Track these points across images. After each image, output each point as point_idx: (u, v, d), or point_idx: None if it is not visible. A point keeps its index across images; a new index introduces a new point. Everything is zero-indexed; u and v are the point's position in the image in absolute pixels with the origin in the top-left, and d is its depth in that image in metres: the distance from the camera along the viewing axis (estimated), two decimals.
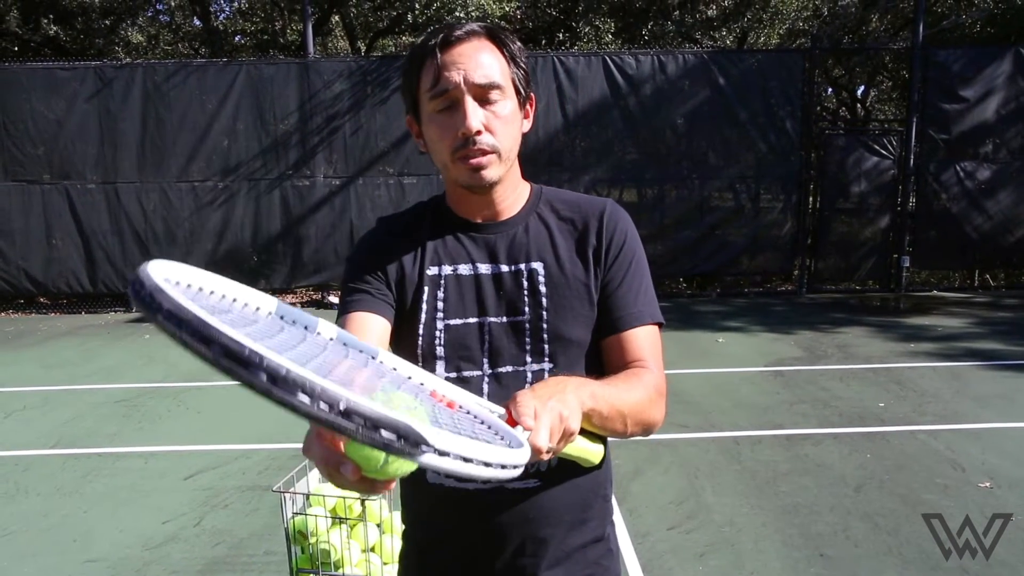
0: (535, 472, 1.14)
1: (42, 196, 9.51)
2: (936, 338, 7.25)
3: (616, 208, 1.23)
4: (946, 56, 9.70)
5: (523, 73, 1.16)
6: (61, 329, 8.77)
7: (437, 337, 1.16)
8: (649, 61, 9.61)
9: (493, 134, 1.10)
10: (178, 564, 3.16)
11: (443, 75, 1.09)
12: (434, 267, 1.19)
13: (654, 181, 9.89)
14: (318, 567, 1.83)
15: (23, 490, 3.98)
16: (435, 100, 1.10)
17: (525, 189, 1.25)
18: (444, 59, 1.09)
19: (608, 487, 1.27)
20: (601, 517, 1.24)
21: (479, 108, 1.09)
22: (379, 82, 9.51)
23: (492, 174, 1.12)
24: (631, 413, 1.07)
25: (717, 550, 3.17)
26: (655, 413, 1.12)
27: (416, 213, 1.29)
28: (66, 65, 9.58)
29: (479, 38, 1.11)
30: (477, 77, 1.08)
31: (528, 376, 1.14)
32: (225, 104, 9.48)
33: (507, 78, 1.12)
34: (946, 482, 3.80)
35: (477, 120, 1.08)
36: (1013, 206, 9.86)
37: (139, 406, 5.48)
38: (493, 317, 1.16)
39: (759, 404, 5.20)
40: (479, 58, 1.09)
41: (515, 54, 1.14)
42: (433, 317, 1.16)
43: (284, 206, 9.68)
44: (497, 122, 1.11)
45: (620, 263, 1.19)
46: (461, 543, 1.19)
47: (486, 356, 1.15)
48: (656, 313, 1.21)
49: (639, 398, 1.09)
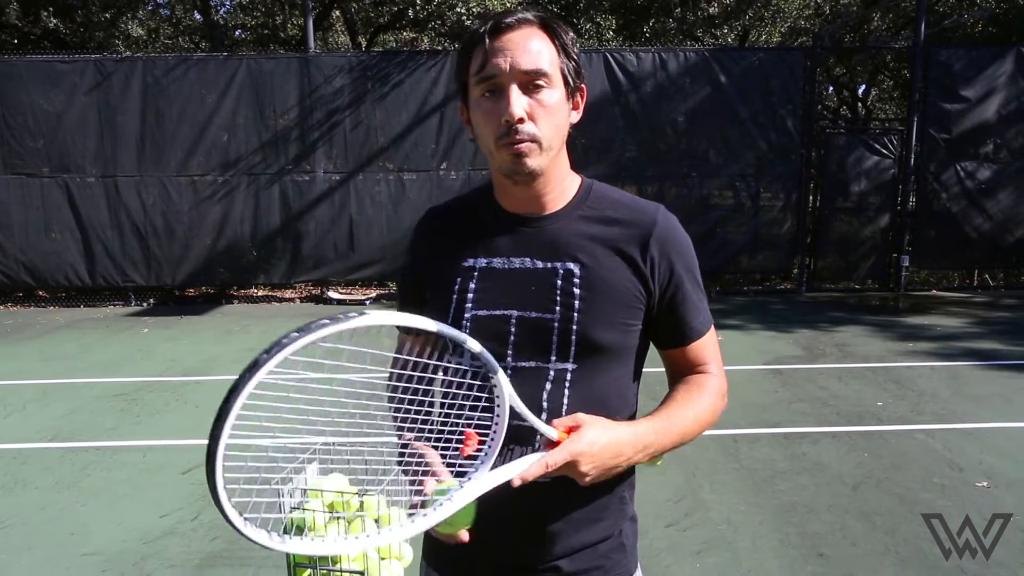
0: None
1: (41, 189, 9.50)
2: (935, 338, 7.25)
3: (667, 217, 1.21)
4: (947, 55, 9.69)
5: (574, 64, 1.14)
6: (59, 322, 8.76)
7: (464, 327, 1.18)
8: (650, 58, 9.60)
9: (536, 123, 1.09)
10: (176, 558, 3.16)
11: (490, 61, 1.09)
12: (471, 258, 1.21)
13: (654, 179, 9.88)
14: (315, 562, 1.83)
15: (21, 483, 3.97)
16: (481, 85, 1.11)
17: (573, 184, 1.22)
18: (493, 45, 1.09)
19: (627, 489, 1.27)
20: (616, 516, 1.24)
21: (523, 96, 1.08)
22: (379, 77, 9.49)
23: (533, 163, 1.11)
24: (691, 431, 1.18)
25: (714, 548, 3.17)
26: (715, 416, 1.22)
27: (466, 202, 1.30)
28: (66, 58, 9.55)
29: (530, 26, 1.11)
30: (523, 64, 1.08)
31: (550, 374, 1.14)
32: (225, 98, 9.46)
33: (555, 67, 1.11)
34: (944, 481, 3.80)
35: (520, 107, 1.07)
36: (1013, 206, 9.86)
37: (137, 400, 5.48)
38: (521, 312, 1.15)
39: (757, 402, 5.21)
40: (527, 45, 1.09)
41: (566, 44, 1.13)
42: (462, 307, 1.19)
43: (284, 201, 9.67)
44: (541, 111, 1.09)
45: (678, 278, 1.20)
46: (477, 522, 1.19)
47: (510, 349, 1.16)
48: (710, 317, 1.26)
49: (699, 413, 1.19)
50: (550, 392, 1.15)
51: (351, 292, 10.50)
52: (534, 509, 1.18)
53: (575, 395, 1.16)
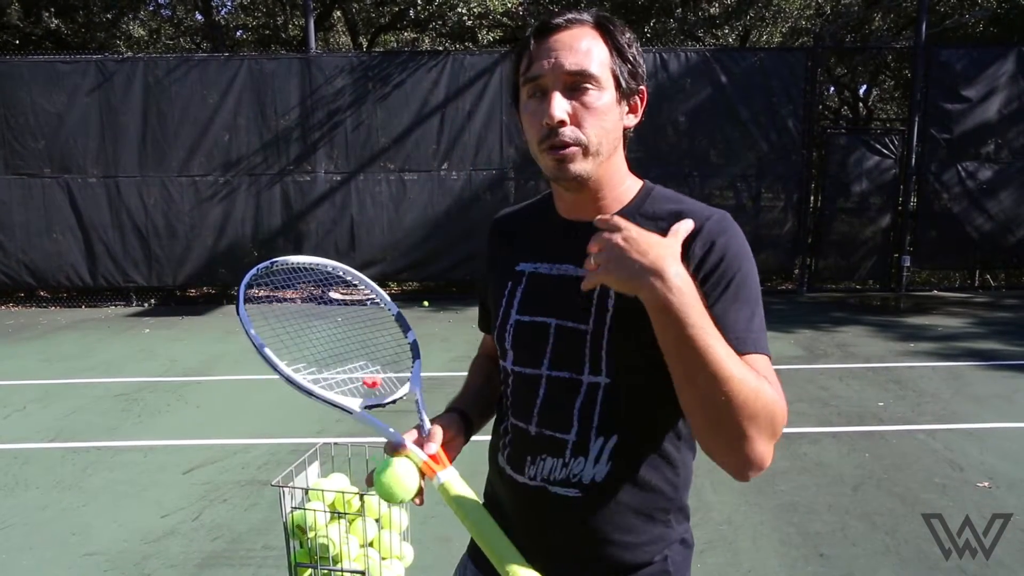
0: (576, 482, 1.12)
1: (43, 190, 9.51)
2: (936, 338, 7.24)
3: (722, 222, 1.09)
4: (949, 55, 9.68)
5: (629, 66, 1.10)
6: (61, 323, 8.77)
7: (508, 331, 1.19)
8: (651, 59, 9.59)
9: (580, 126, 1.06)
10: (176, 558, 3.16)
11: (535, 62, 1.07)
12: (524, 263, 1.20)
13: (655, 179, 9.22)
14: (316, 561, 1.83)
15: (22, 483, 3.98)
16: (527, 86, 1.09)
17: (632, 188, 1.18)
18: (540, 46, 1.07)
19: (675, 512, 1.19)
20: (658, 541, 1.16)
21: (565, 98, 1.05)
22: (380, 78, 9.50)
23: (577, 168, 1.07)
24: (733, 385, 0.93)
25: (715, 548, 3.17)
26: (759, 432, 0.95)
27: (530, 207, 1.30)
28: (67, 59, 9.57)
29: (582, 26, 1.08)
30: (568, 65, 1.05)
31: (583, 386, 1.11)
32: (226, 99, 9.47)
33: (605, 69, 1.07)
34: (944, 482, 3.80)
35: (560, 110, 1.04)
36: (1014, 206, 9.85)
37: (139, 400, 5.48)
38: (560, 320, 1.13)
39: None
40: (576, 46, 1.06)
41: (621, 45, 1.09)
42: (509, 311, 1.19)
43: (285, 201, 9.68)
44: (585, 113, 1.06)
45: (717, 280, 1.05)
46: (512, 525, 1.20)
47: (547, 358, 1.14)
48: (764, 344, 1.04)
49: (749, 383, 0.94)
50: (581, 406, 1.12)
51: (352, 293, 10.47)
52: (563, 526, 1.15)
53: (607, 412, 1.11)
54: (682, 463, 1.20)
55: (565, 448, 1.12)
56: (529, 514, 1.18)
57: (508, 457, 1.21)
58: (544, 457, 1.14)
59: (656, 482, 1.15)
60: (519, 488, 1.18)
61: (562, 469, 1.13)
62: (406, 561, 1.45)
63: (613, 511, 1.13)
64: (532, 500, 1.16)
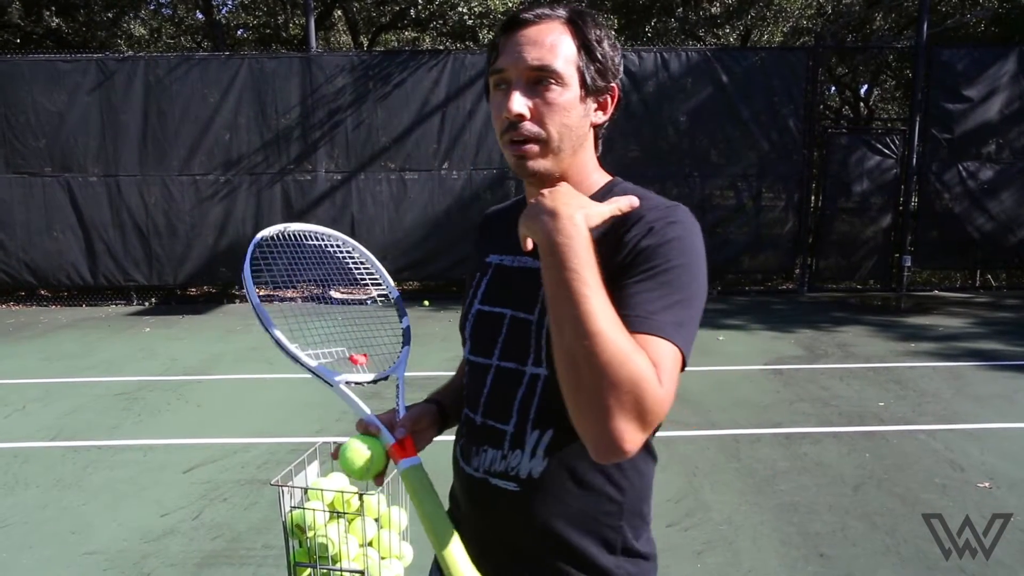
0: (514, 476, 1.11)
1: (43, 188, 9.51)
2: (937, 338, 7.24)
3: (672, 213, 1.06)
4: (950, 55, 9.67)
5: (597, 64, 1.09)
6: (61, 322, 8.78)
7: (469, 320, 1.21)
8: (652, 58, 9.59)
9: (539, 121, 1.06)
10: (176, 557, 3.16)
11: (501, 55, 1.08)
12: (493, 255, 1.22)
13: (656, 179, 9.86)
14: (316, 561, 1.83)
15: (22, 482, 3.98)
16: (493, 78, 1.10)
17: (598, 183, 1.18)
18: (508, 39, 1.07)
19: (627, 519, 1.14)
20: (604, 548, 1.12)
21: (527, 93, 1.05)
22: (381, 77, 9.50)
23: (536, 165, 1.08)
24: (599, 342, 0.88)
25: (715, 548, 3.17)
26: (622, 399, 0.88)
27: (515, 203, 1.31)
28: (68, 57, 9.57)
29: (551, 21, 1.07)
30: (531, 60, 1.04)
31: (526, 377, 1.11)
32: (227, 98, 9.47)
33: (570, 65, 1.06)
34: (945, 482, 3.80)
35: (519, 104, 1.04)
36: (1015, 206, 9.84)
37: (139, 399, 5.48)
38: (515, 311, 1.14)
39: (759, 402, 5.20)
40: (542, 41, 1.05)
41: (590, 42, 1.08)
42: (473, 302, 1.21)
43: (285, 200, 9.68)
44: (546, 109, 1.05)
45: (641, 262, 1.01)
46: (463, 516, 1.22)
47: (499, 348, 1.15)
48: (673, 333, 0.97)
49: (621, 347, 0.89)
50: (522, 398, 1.11)
51: (352, 292, 10.49)
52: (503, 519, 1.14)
53: (544, 404, 1.09)
54: (632, 468, 1.14)
55: (504, 440, 1.12)
56: (474, 505, 1.19)
57: (460, 447, 1.22)
58: (486, 448, 1.14)
59: (599, 485, 1.11)
60: (466, 479, 1.19)
61: (501, 461, 1.12)
62: (405, 561, 1.45)
63: (553, 510, 1.10)
64: (476, 491, 1.17)
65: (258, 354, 6.66)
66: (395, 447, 1.19)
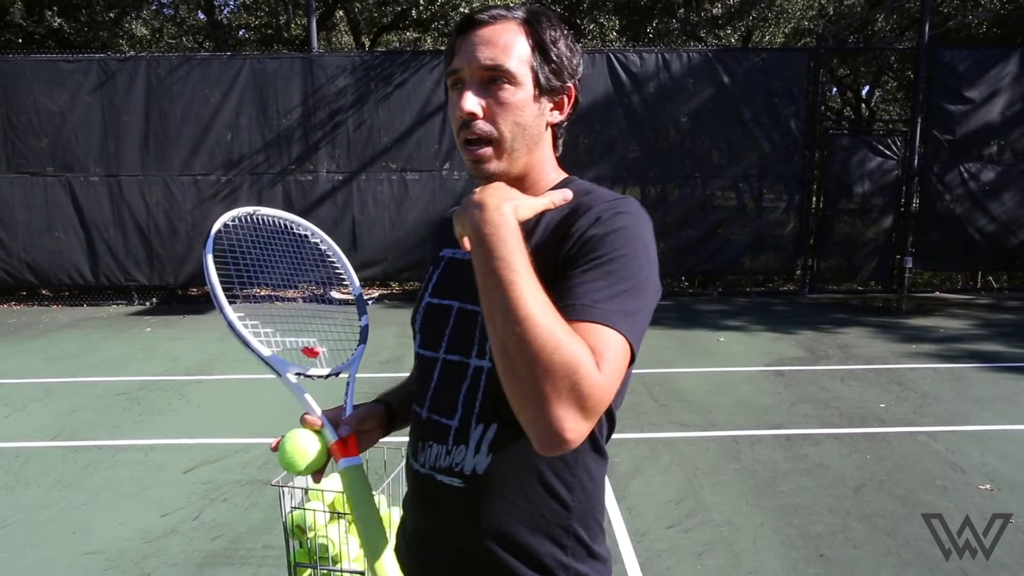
0: (459, 472, 1.10)
1: (45, 188, 9.52)
2: (938, 339, 7.23)
3: (617, 205, 1.05)
4: (952, 57, 9.67)
5: (553, 64, 1.09)
6: (63, 321, 8.78)
7: (419, 313, 1.21)
8: (653, 59, 9.59)
9: (492, 120, 1.06)
10: (177, 557, 3.16)
11: (456, 55, 1.08)
12: (446, 250, 1.22)
13: (657, 179, 9.87)
14: (316, 561, 1.83)
15: (23, 482, 3.98)
16: (449, 79, 1.11)
17: (553, 182, 1.17)
18: (463, 39, 1.08)
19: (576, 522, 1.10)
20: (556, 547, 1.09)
21: (480, 93, 1.06)
22: (383, 77, 9.50)
23: (491, 168, 1.09)
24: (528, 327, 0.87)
25: (715, 549, 3.16)
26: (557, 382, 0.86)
27: None
28: (70, 58, 9.58)
29: (507, 22, 1.08)
30: (483, 60, 1.05)
31: (470, 370, 1.10)
32: (228, 98, 9.48)
33: (524, 65, 1.07)
34: (946, 484, 3.79)
35: (471, 103, 1.05)
36: (1017, 208, 9.83)
37: (140, 399, 5.48)
38: (462, 303, 1.13)
39: (759, 404, 5.20)
40: (495, 40, 1.06)
41: (545, 43, 1.08)
42: (424, 295, 1.21)
43: (287, 201, 9.68)
44: (498, 109, 1.06)
45: (586, 252, 1.00)
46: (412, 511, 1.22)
47: (445, 340, 1.14)
48: (617, 320, 0.95)
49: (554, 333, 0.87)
50: (466, 391, 1.10)
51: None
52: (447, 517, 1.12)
53: (488, 398, 1.07)
54: (581, 467, 1.11)
55: (448, 435, 1.11)
56: (421, 501, 1.18)
57: (410, 443, 1.21)
58: (431, 443, 1.13)
59: (546, 483, 1.08)
60: (413, 474, 1.18)
61: (446, 457, 1.11)
62: None
63: (499, 507, 1.08)
64: (423, 487, 1.16)
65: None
66: (337, 444, 1.19)
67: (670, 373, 5.94)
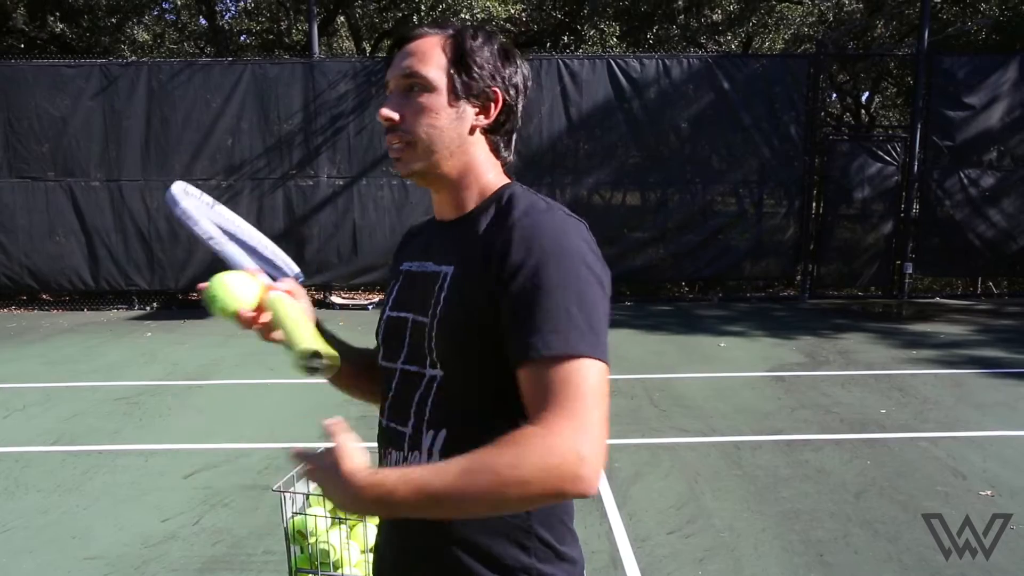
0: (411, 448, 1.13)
1: (46, 193, 9.53)
2: (938, 345, 7.23)
3: (540, 215, 1.06)
4: (951, 63, 9.69)
5: (475, 71, 1.12)
6: (63, 326, 8.78)
7: (381, 326, 1.24)
8: (653, 65, 9.62)
9: (409, 123, 1.12)
10: (177, 562, 3.16)
11: (388, 67, 1.17)
12: (405, 262, 1.27)
13: (657, 185, 9.88)
14: (317, 567, 1.83)
15: (23, 487, 3.98)
16: (386, 91, 1.18)
17: (490, 186, 1.18)
18: (395, 53, 1.17)
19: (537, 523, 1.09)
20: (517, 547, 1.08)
21: (400, 99, 1.13)
22: (383, 83, 9.46)
23: (410, 166, 1.14)
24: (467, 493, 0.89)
25: (717, 555, 3.16)
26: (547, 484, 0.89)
27: None
28: (72, 63, 9.62)
29: (432, 36, 1.14)
30: (400, 68, 1.13)
31: (424, 379, 1.13)
32: (230, 103, 9.50)
33: (440, 71, 1.12)
34: (947, 490, 3.79)
35: (389, 108, 1.13)
36: (1017, 214, 9.84)
37: (140, 404, 5.48)
38: (416, 315, 1.16)
39: (760, 409, 5.20)
40: (417, 51, 1.13)
41: (465, 50, 1.12)
42: (384, 308, 1.26)
43: (287, 206, 9.69)
44: (412, 112, 1.12)
45: (523, 278, 1.00)
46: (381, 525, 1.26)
47: (404, 351, 1.17)
48: (576, 343, 0.95)
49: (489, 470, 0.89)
50: (419, 399, 1.13)
51: (354, 297, 10.52)
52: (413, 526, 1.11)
53: (438, 405, 1.10)
54: None
55: (404, 441, 1.14)
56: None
57: (377, 453, 1.23)
58: (391, 451, 1.17)
59: None
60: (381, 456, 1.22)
61: (403, 463, 1.14)
62: None
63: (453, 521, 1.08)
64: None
65: (259, 359, 6.65)
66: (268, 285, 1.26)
67: (671, 378, 5.93)
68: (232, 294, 1.22)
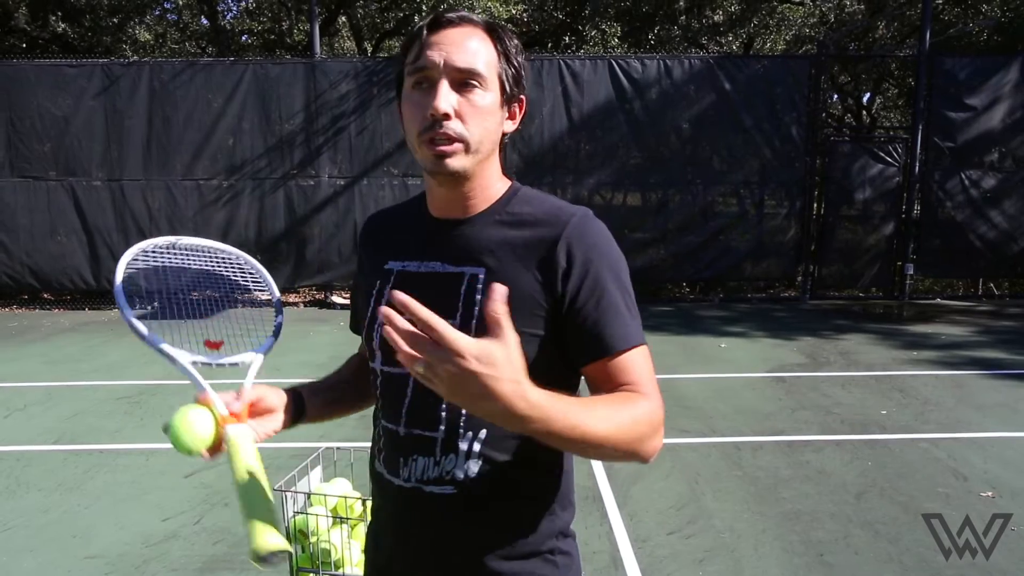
0: (450, 479, 1.10)
1: (47, 193, 9.54)
2: (939, 346, 7.23)
3: (584, 220, 1.11)
4: (952, 64, 9.69)
5: (514, 71, 1.11)
6: (64, 325, 8.79)
7: (376, 331, 1.17)
8: (655, 65, 9.62)
9: (463, 122, 1.06)
10: (177, 562, 3.16)
11: (424, 53, 1.06)
12: (393, 261, 1.20)
13: (658, 185, 9.88)
14: (318, 566, 1.83)
15: (24, 485, 3.98)
16: (412, 76, 1.08)
17: (501, 188, 1.18)
18: (430, 39, 1.07)
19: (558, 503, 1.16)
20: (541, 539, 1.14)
21: (452, 92, 1.05)
22: (385, 83, 9.53)
23: (456, 163, 1.07)
24: (608, 442, 0.95)
25: (717, 556, 3.16)
26: (645, 446, 1.01)
27: (402, 208, 1.30)
28: (73, 62, 9.63)
29: (472, 26, 1.08)
30: (458, 61, 1.05)
31: None
32: (231, 103, 9.51)
33: (492, 70, 1.08)
34: (948, 491, 3.79)
35: (447, 103, 1.04)
36: (1018, 215, 9.84)
37: (141, 403, 5.49)
38: None
39: (761, 410, 5.20)
40: (466, 43, 1.06)
41: (508, 50, 1.10)
42: (376, 311, 1.18)
43: (288, 205, 9.70)
44: (470, 111, 1.06)
45: (595, 279, 1.07)
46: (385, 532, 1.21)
47: None
48: (642, 337, 1.10)
49: (623, 425, 0.97)
50: (448, 405, 1.09)
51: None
52: (437, 530, 1.13)
53: None
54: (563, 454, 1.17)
55: (435, 446, 1.11)
56: (404, 517, 1.17)
57: (384, 461, 1.19)
58: (416, 457, 1.13)
59: (539, 466, 1.13)
60: (395, 491, 1.16)
61: (434, 467, 1.11)
62: None
63: (490, 510, 1.11)
64: (408, 502, 1.15)
65: None
66: (225, 417, 1.22)
67: (671, 379, 5.94)
68: (185, 440, 1.23)
